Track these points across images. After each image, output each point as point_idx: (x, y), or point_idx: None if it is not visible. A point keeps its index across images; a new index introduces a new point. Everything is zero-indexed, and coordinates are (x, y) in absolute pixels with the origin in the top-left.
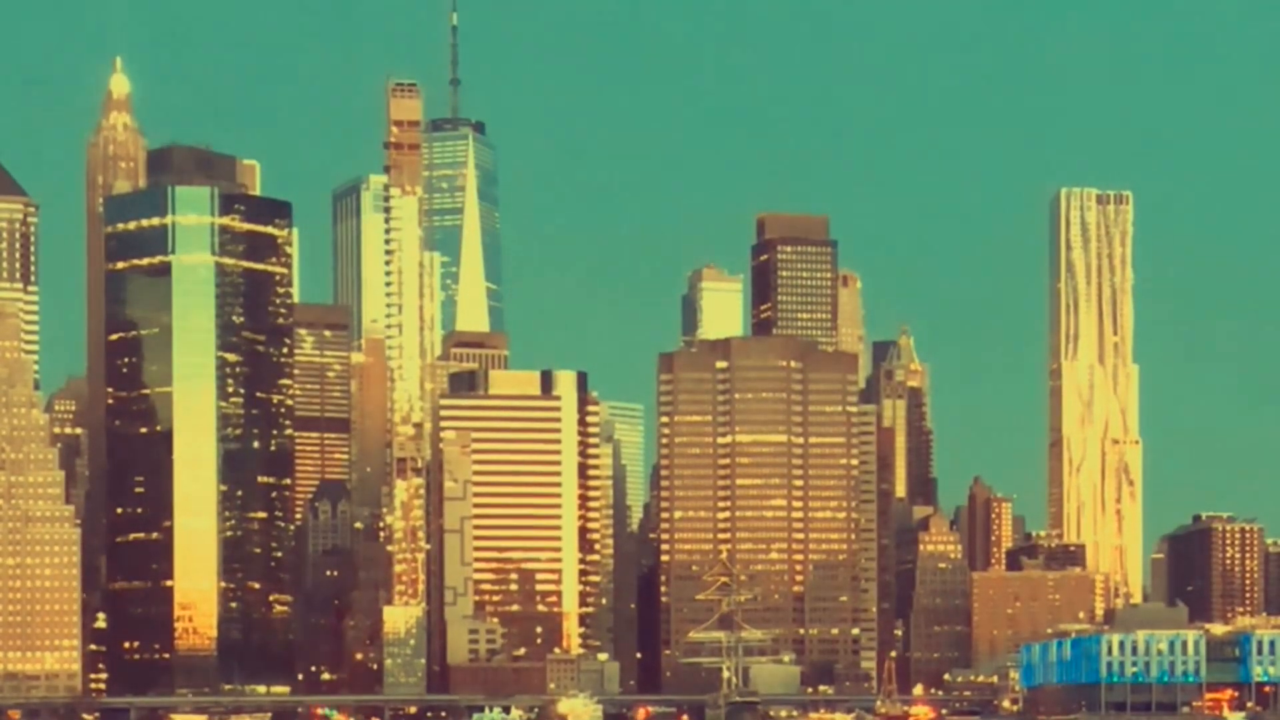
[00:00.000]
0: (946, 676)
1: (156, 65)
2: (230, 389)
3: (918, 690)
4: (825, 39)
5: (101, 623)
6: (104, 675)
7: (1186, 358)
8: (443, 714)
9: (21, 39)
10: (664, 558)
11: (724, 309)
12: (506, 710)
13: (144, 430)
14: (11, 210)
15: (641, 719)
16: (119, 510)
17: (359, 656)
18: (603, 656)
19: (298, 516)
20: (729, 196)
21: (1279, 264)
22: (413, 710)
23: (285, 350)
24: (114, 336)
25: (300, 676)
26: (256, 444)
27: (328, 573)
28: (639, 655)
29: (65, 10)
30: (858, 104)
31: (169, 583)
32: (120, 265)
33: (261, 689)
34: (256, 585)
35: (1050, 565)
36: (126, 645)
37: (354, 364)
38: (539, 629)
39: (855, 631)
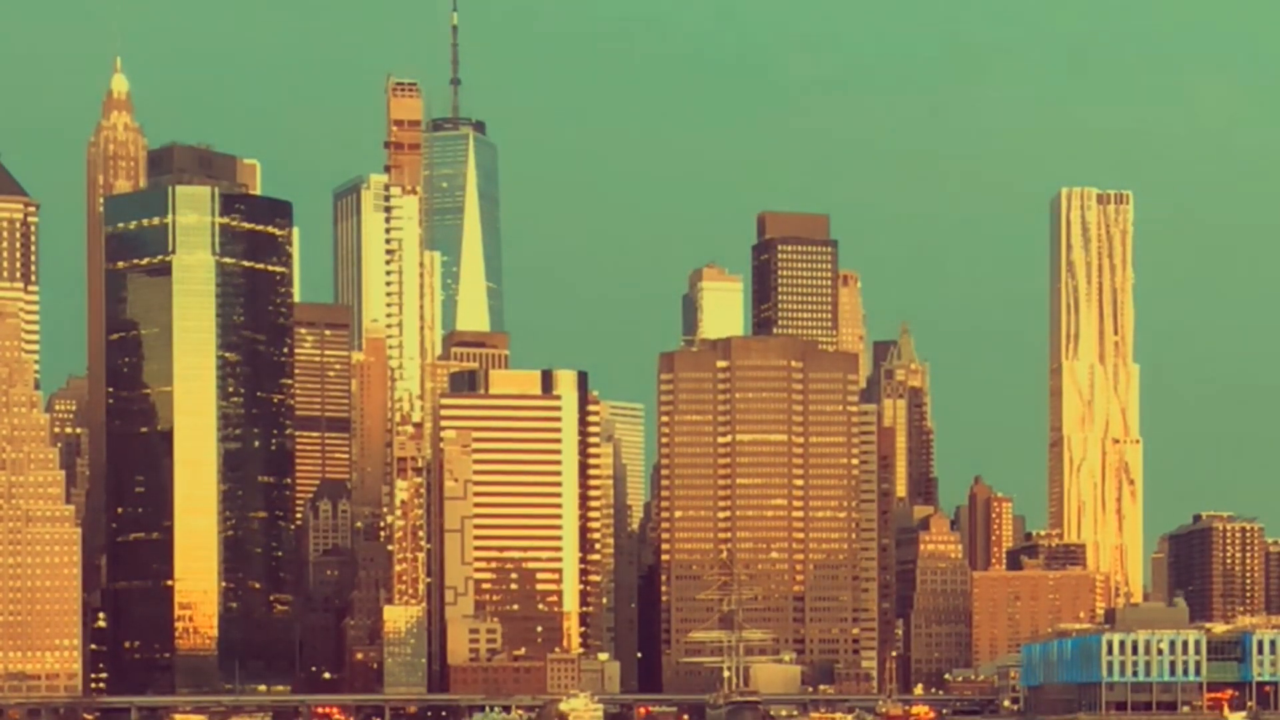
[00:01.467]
0: (947, 676)
1: (156, 65)
2: (231, 389)
3: (918, 690)
4: (825, 39)
5: (102, 623)
6: (104, 675)
7: (1186, 358)
8: (443, 714)
9: (21, 39)
10: (664, 558)
11: (724, 308)
12: (506, 710)
13: (144, 430)
14: (11, 210)
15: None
16: (119, 510)
17: (359, 656)
18: (603, 656)
19: (298, 516)
20: (729, 196)
21: (1279, 263)
22: (413, 710)
23: (285, 350)
24: (114, 336)
25: (301, 676)
26: (257, 444)
27: (328, 573)
28: (639, 655)
29: (65, 10)
30: (858, 103)
31: (169, 583)
32: (120, 265)
33: (262, 689)
34: (257, 585)
35: (1050, 565)
36: (127, 645)
37: (354, 363)
38: (539, 629)
39: (855, 631)
